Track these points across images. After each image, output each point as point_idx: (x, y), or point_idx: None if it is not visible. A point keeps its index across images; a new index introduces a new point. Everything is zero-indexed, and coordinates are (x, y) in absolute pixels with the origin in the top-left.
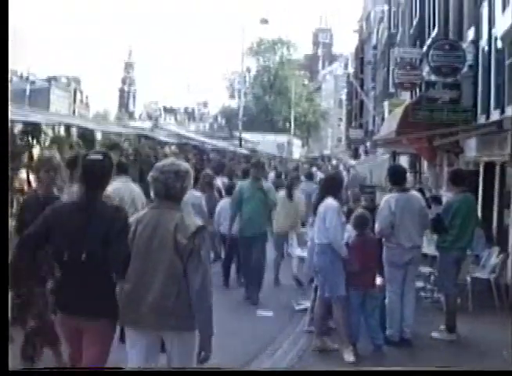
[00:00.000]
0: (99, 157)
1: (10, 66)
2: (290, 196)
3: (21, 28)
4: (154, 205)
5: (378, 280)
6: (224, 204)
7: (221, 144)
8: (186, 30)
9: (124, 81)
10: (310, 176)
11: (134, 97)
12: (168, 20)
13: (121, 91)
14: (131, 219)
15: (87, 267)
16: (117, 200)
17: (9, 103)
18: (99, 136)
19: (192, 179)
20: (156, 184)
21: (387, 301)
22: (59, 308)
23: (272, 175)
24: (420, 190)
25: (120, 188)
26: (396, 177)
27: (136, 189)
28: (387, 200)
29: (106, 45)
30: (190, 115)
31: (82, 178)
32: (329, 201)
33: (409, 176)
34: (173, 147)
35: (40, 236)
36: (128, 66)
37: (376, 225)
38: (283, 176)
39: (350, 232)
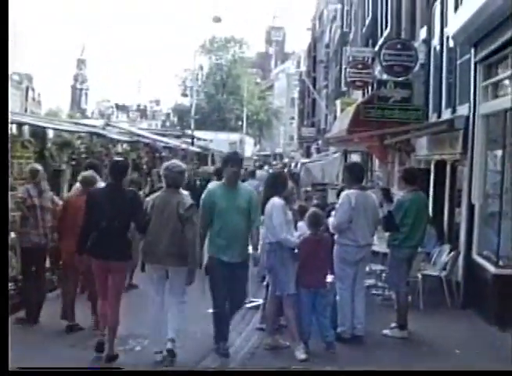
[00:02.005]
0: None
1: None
2: None
3: None
4: (164, 190)
5: (329, 278)
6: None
7: (173, 142)
8: (139, 27)
9: (76, 79)
10: (253, 174)
11: (86, 95)
12: (121, 17)
13: (73, 88)
14: (149, 198)
15: (118, 230)
16: None
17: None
18: (50, 134)
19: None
20: (166, 178)
21: (337, 298)
22: (95, 256)
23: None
24: (386, 190)
25: None
26: (355, 175)
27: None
28: (347, 195)
29: (58, 42)
30: (142, 113)
31: (109, 172)
32: (275, 200)
33: None
34: (125, 145)
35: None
36: (81, 63)
37: (334, 220)
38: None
39: (303, 230)
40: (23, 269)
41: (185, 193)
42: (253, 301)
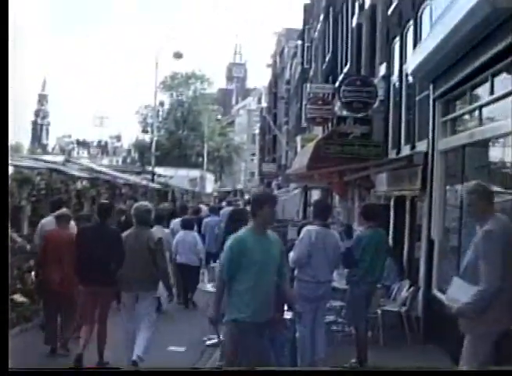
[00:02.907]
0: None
1: None
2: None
3: None
4: (135, 228)
5: (287, 315)
6: (180, 236)
7: (133, 178)
8: (101, 62)
9: (37, 114)
10: (213, 210)
11: (47, 130)
12: (82, 52)
13: (34, 123)
14: (123, 235)
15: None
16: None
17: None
18: (11, 170)
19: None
20: (136, 217)
21: (297, 335)
22: (84, 285)
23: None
24: (349, 227)
25: (50, 219)
26: (319, 211)
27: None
28: (308, 230)
29: (19, 77)
30: (103, 149)
31: (97, 213)
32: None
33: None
34: (85, 182)
35: None
36: (42, 98)
37: (293, 255)
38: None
39: None
40: None
41: (153, 229)
42: (212, 339)
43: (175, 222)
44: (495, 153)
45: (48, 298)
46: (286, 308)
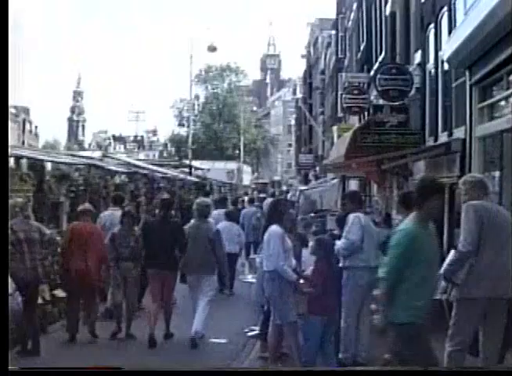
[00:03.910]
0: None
1: None
2: None
3: None
4: (196, 220)
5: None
6: (225, 226)
7: (170, 172)
8: (135, 57)
9: (73, 110)
10: (252, 201)
11: (83, 126)
12: (117, 48)
13: (70, 120)
14: (187, 227)
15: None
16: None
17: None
18: (48, 167)
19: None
20: (197, 211)
21: (342, 324)
22: (153, 267)
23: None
24: (387, 216)
25: (109, 214)
26: (358, 199)
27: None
28: (357, 215)
29: (54, 74)
30: (140, 143)
31: (160, 207)
32: (273, 228)
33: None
34: (123, 176)
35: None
36: (77, 94)
37: (346, 241)
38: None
39: (304, 257)
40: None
41: (211, 221)
42: (253, 330)
43: (216, 213)
44: None
45: (71, 286)
46: None
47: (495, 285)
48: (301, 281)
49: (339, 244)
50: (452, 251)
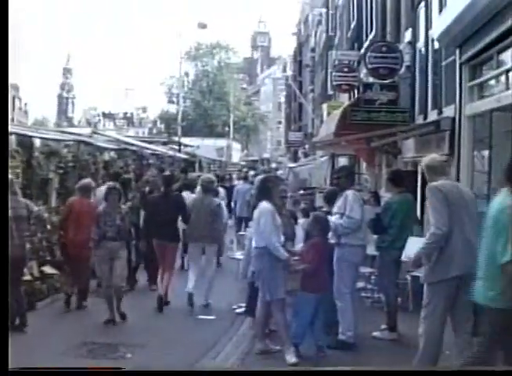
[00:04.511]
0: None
1: None
2: None
3: None
4: (200, 194)
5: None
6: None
7: (160, 149)
8: (124, 34)
9: (62, 87)
10: (245, 178)
11: (73, 103)
12: (106, 25)
13: (60, 97)
14: (189, 200)
15: (170, 222)
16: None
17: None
18: (38, 143)
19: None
20: (201, 186)
21: (339, 304)
22: (156, 238)
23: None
24: (375, 193)
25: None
26: (351, 177)
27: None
28: (355, 194)
29: (43, 51)
30: (129, 120)
31: (162, 183)
32: (264, 205)
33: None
34: (112, 153)
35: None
36: (66, 71)
37: (350, 220)
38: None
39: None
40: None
41: (213, 194)
42: (241, 307)
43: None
44: None
45: (67, 261)
46: None
47: (465, 262)
48: (293, 258)
49: (339, 221)
50: (411, 238)
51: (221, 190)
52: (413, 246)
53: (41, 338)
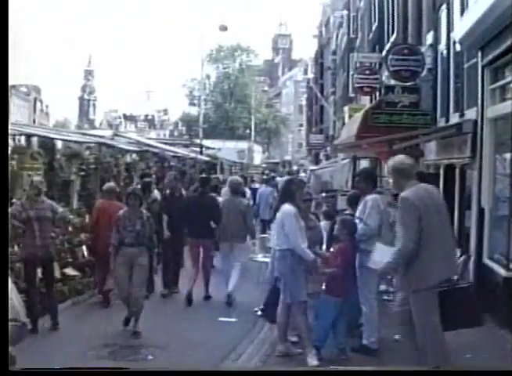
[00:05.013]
0: (204, 176)
1: None
2: None
3: None
4: (230, 195)
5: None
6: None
7: (181, 151)
8: (146, 37)
9: (84, 89)
10: (267, 181)
11: (94, 105)
12: (128, 27)
13: (81, 99)
14: (222, 201)
15: (205, 221)
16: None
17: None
18: (59, 145)
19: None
20: (231, 187)
21: (364, 309)
22: (192, 236)
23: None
24: (396, 195)
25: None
26: (372, 179)
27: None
28: (376, 199)
29: (65, 53)
30: (150, 122)
31: (199, 184)
32: (286, 207)
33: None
34: (134, 155)
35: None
36: (88, 73)
37: (366, 227)
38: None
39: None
40: (25, 279)
41: (242, 195)
42: (263, 310)
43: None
44: None
45: (97, 258)
46: None
47: (443, 268)
48: (319, 261)
49: (361, 227)
50: (378, 244)
51: (248, 191)
52: (380, 253)
53: (62, 339)
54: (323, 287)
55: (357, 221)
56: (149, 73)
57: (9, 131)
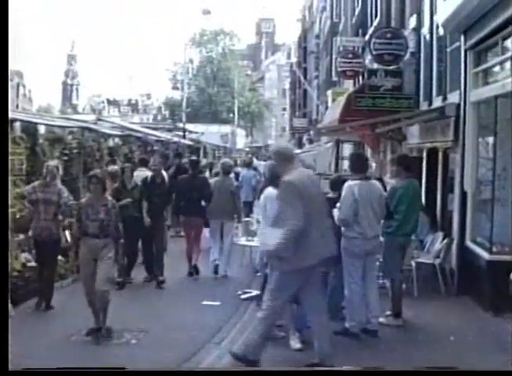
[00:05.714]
0: (194, 158)
1: None
2: None
3: None
4: (221, 176)
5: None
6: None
7: (164, 135)
8: (128, 21)
9: (67, 74)
10: (249, 164)
11: (77, 90)
12: (110, 11)
13: (64, 84)
14: (213, 180)
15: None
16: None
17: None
18: (42, 130)
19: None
20: (222, 169)
21: (346, 293)
22: (184, 215)
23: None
24: (380, 179)
25: (139, 175)
26: (358, 164)
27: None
28: (350, 186)
29: (48, 38)
30: (134, 107)
31: (190, 166)
32: (269, 190)
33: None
34: (117, 139)
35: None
36: (71, 58)
37: (339, 214)
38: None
39: None
40: (35, 258)
41: (231, 176)
42: (247, 293)
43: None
44: None
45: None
46: None
47: (320, 252)
48: None
49: (335, 213)
50: (262, 230)
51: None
52: (267, 236)
53: (45, 323)
54: None
55: (338, 206)
56: (132, 57)
57: None
